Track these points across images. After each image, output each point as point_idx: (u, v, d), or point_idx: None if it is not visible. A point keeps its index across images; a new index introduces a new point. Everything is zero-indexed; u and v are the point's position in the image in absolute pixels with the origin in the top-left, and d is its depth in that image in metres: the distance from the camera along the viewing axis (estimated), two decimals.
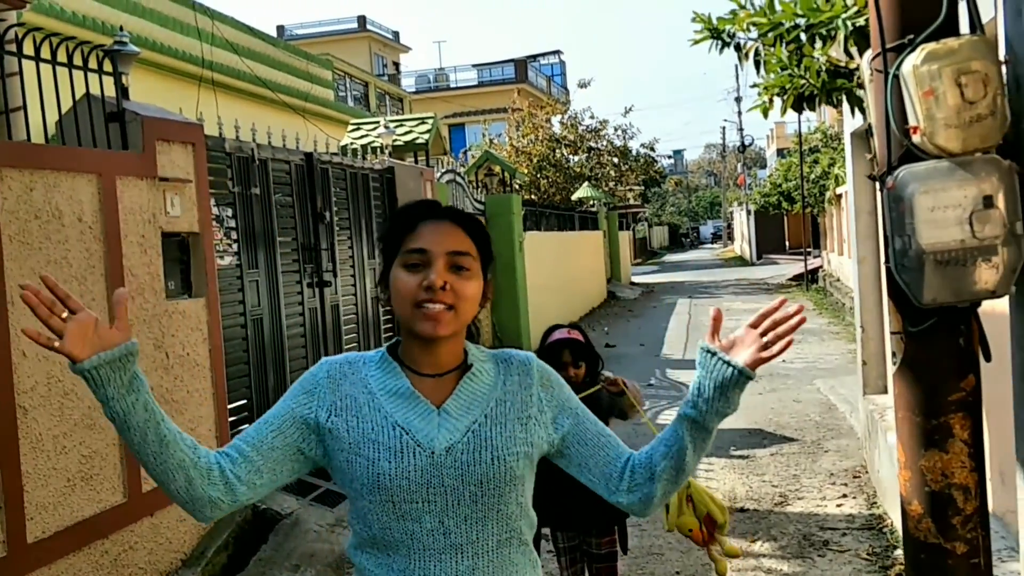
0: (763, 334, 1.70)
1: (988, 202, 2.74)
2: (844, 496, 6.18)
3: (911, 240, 2.81)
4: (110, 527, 4.61)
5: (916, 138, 2.80)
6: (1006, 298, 3.05)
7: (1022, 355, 2.99)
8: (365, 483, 1.66)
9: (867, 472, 6.56)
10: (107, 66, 5.15)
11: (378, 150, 9.73)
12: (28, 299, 1.52)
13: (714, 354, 1.71)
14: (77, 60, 4.92)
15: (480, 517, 1.66)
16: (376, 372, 1.75)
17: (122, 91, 5.15)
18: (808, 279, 24.12)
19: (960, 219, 2.76)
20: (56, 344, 1.53)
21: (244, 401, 6.37)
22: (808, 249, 25.92)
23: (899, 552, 4.65)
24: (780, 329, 1.70)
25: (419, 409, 1.70)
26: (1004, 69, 2.85)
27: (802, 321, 1.69)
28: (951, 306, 2.89)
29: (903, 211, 2.82)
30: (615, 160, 28.09)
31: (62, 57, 4.83)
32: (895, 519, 5.10)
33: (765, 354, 1.69)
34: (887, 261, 2.99)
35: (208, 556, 5.20)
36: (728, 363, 1.69)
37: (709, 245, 73.68)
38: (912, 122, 2.80)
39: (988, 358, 2.99)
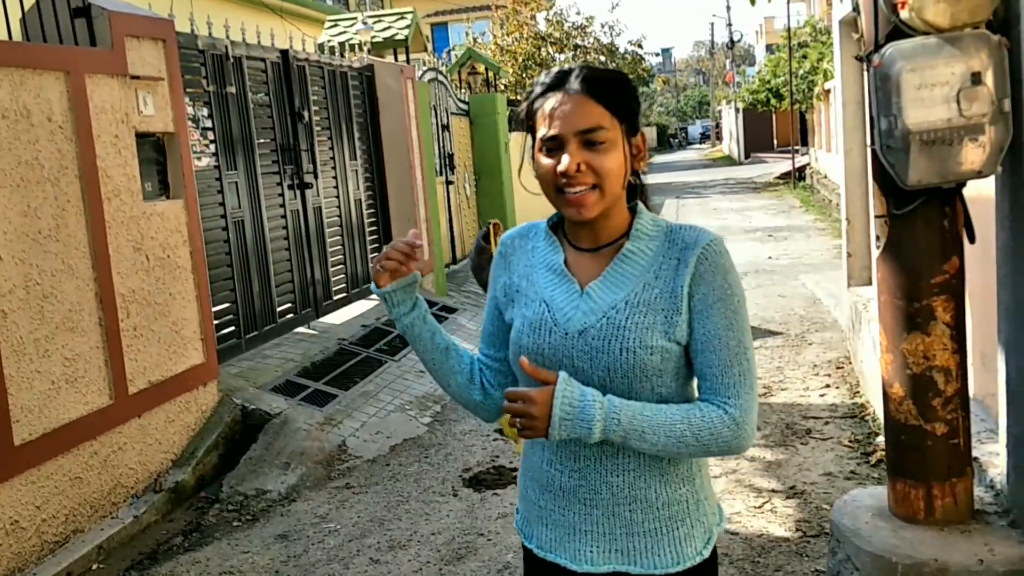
0: None
1: (976, 79, 2.68)
2: (827, 386, 6.25)
3: (897, 120, 2.76)
4: (98, 429, 4.63)
5: (904, 13, 2.72)
6: (991, 180, 3.02)
7: (1006, 236, 2.97)
8: (512, 353, 1.75)
9: (850, 363, 6.63)
10: None
11: (356, 47, 9.49)
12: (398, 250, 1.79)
13: None
14: None
15: None
16: (542, 244, 1.79)
17: None
18: (795, 177, 24.02)
19: (947, 97, 2.70)
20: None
21: (228, 304, 6.35)
22: (796, 147, 25.73)
23: (880, 439, 4.72)
24: None
25: (565, 287, 1.71)
26: None
27: None
28: (936, 187, 2.86)
29: (889, 90, 2.76)
30: (602, 58, 27.52)
31: None
32: (877, 407, 5.16)
33: None
34: (872, 143, 2.94)
35: (198, 456, 5.24)
36: None
37: (697, 145, 72.98)
38: None
39: (972, 240, 2.97)
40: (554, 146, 1.63)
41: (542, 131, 1.65)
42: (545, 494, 1.75)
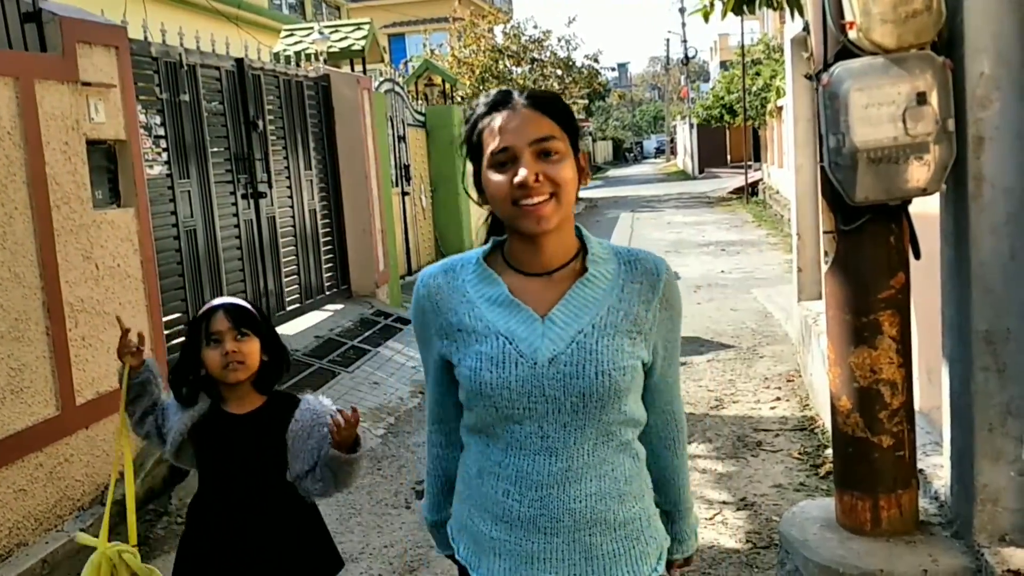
0: None
1: (921, 99, 2.75)
2: (778, 399, 6.33)
3: (845, 138, 2.82)
4: (44, 440, 4.53)
5: (852, 34, 2.78)
6: (935, 198, 3.09)
7: (951, 253, 3.04)
8: (470, 390, 1.66)
9: (800, 376, 6.72)
10: None
11: (312, 57, 9.45)
12: None
13: None
14: None
15: (579, 425, 1.63)
16: (472, 278, 1.70)
17: None
18: (748, 192, 24.32)
19: (893, 116, 2.76)
20: None
21: (179, 315, 6.27)
22: (749, 163, 26.07)
23: (829, 451, 4.79)
24: None
25: (521, 317, 1.65)
26: None
27: None
28: (883, 204, 2.92)
29: (838, 108, 2.81)
30: (558, 72, 27.70)
31: None
32: (826, 420, 5.24)
33: None
34: (821, 160, 2.99)
35: (147, 468, 5.16)
36: None
37: (652, 159, 73.66)
38: (848, 17, 2.77)
39: (918, 256, 3.04)
40: (506, 159, 1.61)
41: (492, 145, 1.62)
42: (499, 524, 1.69)
